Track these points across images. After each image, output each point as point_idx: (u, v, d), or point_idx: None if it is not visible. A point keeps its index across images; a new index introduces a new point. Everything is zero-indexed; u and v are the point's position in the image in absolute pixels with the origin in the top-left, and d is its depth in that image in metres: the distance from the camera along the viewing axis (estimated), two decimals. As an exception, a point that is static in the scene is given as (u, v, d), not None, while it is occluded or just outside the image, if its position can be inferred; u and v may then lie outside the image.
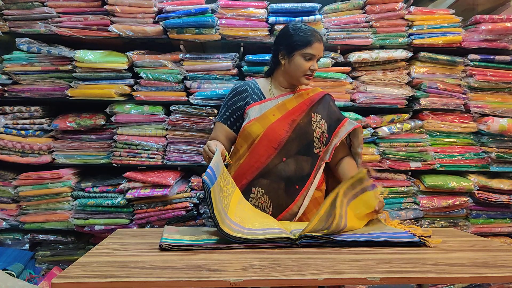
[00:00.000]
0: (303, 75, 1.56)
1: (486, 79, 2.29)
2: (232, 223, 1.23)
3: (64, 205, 2.12)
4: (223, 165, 1.37)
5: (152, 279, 0.86)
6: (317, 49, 1.54)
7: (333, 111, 1.66)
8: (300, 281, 0.89)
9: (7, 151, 2.16)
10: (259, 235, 1.17)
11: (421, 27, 2.27)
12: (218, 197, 1.20)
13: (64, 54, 2.08)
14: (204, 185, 1.14)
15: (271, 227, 1.26)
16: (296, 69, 1.56)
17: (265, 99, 1.60)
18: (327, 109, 1.64)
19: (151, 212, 2.10)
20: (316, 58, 1.56)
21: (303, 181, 1.55)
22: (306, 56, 1.54)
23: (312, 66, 1.55)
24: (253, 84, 1.66)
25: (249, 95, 1.61)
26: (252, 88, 1.64)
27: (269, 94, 1.63)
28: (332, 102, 1.69)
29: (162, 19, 2.12)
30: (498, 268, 0.98)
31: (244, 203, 1.44)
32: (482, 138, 2.33)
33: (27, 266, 2.10)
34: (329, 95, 1.70)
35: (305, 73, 1.56)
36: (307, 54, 1.53)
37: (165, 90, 2.18)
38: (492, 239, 2.28)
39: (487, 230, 2.33)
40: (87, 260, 0.99)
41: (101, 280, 0.85)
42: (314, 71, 1.57)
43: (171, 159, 2.19)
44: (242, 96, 1.62)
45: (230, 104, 1.64)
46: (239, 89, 1.64)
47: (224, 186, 1.31)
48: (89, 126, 2.15)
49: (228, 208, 1.28)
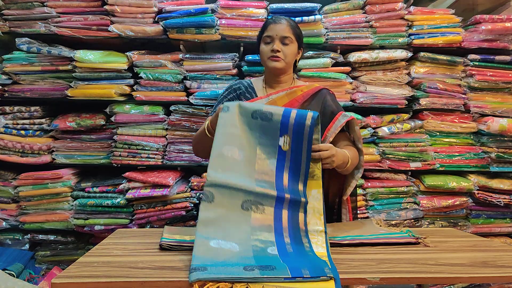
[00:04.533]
0: (267, 59, 1.49)
1: (486, 79, 2.29)
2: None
3: (64, 205, 2.13)
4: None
5: (152, 279, 0.86)
6: (273, 29, 1.48)
7: (328, 105, 1.52)
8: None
9: (7, 151, 2.16)
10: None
11: (421, 27, 2.27)
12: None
13: (64, 54, 2.08)
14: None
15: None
16: (262, 57, 1.53)
17: (256, 97, 1.55)
18: (322, 104, 1.53)
19: (151, 212, 2.10)
20: (276, 39, 1.47)
21: None
22: (265, 41, 1.50)
23: (272, 47, 1.47)
24: (247, 83, 1.63)
25: (242, 93, 1.58)
26: (245, 87, 1.61)
27: (261, 92, 1.59)
28: (329, 97, 1.56)
29: (162, 19, 2.12)
30: (498, 268, 0.98)
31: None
32: (482, 138, 2.33)
33: (27, 266, 2.10)
34: (326, 89, 1.60)
35: (268, 56, 1.49)
36: (265, 38, 1.50)
37: (165, 90, 2.18)
38: (492, 239, 2.28)
39: (487, 230, 2.33)
40: (87, 260, 0.99)
41: (101, 280, 0.85)
42: (278, 51, 1.47)
43: (171, 159, 2.19)
44: (236, 93, 1.60)
45: (224, 101, 1.59)
46: (234, 86, 1.62)
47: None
48: (89, 126, 2.15)
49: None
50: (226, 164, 1.15)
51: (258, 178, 1.16)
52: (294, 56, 1.54)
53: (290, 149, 1.17)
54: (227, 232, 1.06)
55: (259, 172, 1.17)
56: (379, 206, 2.25)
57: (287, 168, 1.17)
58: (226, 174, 1.13)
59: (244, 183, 1.13)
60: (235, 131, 1.19)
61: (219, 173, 1.12)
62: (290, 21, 1.51)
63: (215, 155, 1.15)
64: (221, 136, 1.18)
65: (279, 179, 1.17)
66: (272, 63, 1.48)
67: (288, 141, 1.17)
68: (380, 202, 2.25)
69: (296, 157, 1.17)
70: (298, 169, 1.17)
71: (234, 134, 1.19)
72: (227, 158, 1.15)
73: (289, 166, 1.17)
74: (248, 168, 1.17)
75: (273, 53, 1.47)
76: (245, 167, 1.16)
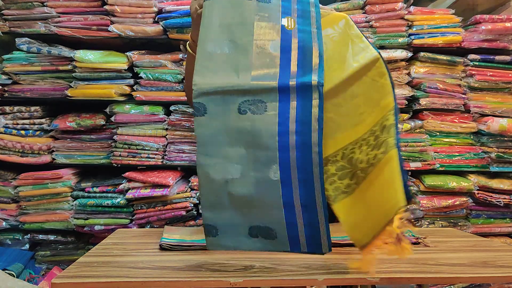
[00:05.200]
0: None
1: (486, 79, 2.29)
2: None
3: (64, 205, 2.12)
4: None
5: (152, 279, 0.86)
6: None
7: None
8: (300, 281, 0.89)
9: (7, 151, 2.16)
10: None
11: (421, 27, 2.27)
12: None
13: (64, 54, 2.08)
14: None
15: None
16: None
17: None
18: None
19: (151, 212, 2.10)
20: None
21: None
22: None
23: None
24: None
25: None
26: None
27: None
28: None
29: (162, 19, 2.12)
30: (498, 268, 0.98)
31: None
32: (482, 138, 2.33)
33: (27, 266, 2.10)
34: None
35: None
36: None
37: (165, 90, 2.18)
38: (492, 239, 2.28)
39: (487, 230, 2.33)
40: (87, 260, 0.99)
41: (101, 280, 0.85)
42: None
43: (171, 159, 2.19)
44: None
45: None
46: None
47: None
48: (89, 126, 2.15)
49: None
50: (214, 63, 0.92)
51: (256, 72, 0.91)
52: None
53: (296, 28, 0.94)
54: (228, 151, 0.89)
55: (258, 60, 0.92)
56: (379, 206, 2.24)
57: (295, 48, 0.92)
58: (216, 76, 0.91)
59: (238, 81, 0.89)
60: (224, 20, 0.95)
61: (208, 78, 0.90)
62: None
63: (200, 55, 0.93)
64: (205, 30, 0.94)
65: (284, 61, 0.91)
66: None
67: (293, 21, 0.95)
68: (380, 202, 2.24)
69: (304, 36, 0.93)
70: (310, 47, 0.91)
71: (223, 23, 0.95)
72: (214, 56, 0.93)
73: (297, 44, 0.92)
74: (243, 60, 0.92)
75: None
76: (239, 58, 0.92)
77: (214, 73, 0.91)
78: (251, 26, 0.94)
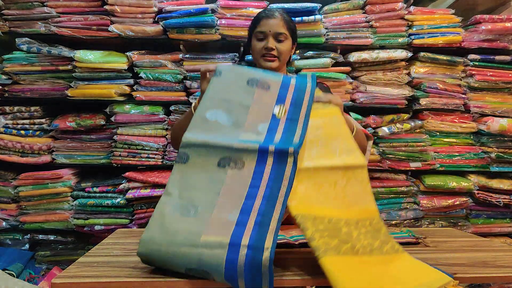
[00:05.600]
0: (260, 57, 1.41)
1: (486, 79, 2.29)
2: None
3: (64, 205, 2.13)
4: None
5: (152, 279, 0.86)
6: (266, 25, 1.38)
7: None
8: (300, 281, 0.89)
9: (7, 151, 2.16)
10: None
11: (421, 27, 2.27)
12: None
13: (64, 54, 2.08)
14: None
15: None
16: (253, 54, 1.44)
17: None
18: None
19: (151, 212, 2.09)
20: (270, 36, 1.38)
21: None
22: (257, 36, 1.41)
23: (266, 44, 1.38)
24: None
25: None
26: None
27: None
28: (324, 90, 1.46)
29: (162, 19, 2.12)
30: (498, 268, 0.98)
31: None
32: (482, 138, 2.33)
33: (27, 266, 2.10)
34: (321, 83, 1.51)
35: (261, 54, 1.40)
36: (257, 33, 1.40)
37: (165, 90, 2.18)
38: (492, 239, 2.28)
39: (487, 230, 2.33)
40: (87, 260, 0.99)
41: (101, 280, 0.85)
42: (272, 49, 1.38)
43: (171, 159, 2.19)
44: None
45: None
46: None
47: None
48: (89, 126, 2.15)
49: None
50: (207, 126, 1.00)
51: (243, 138, 0.98)
52: (289, 53, 1.46)
53: (286, 118, 1.04)
54: (194, 194, 0.92)
55: (246, 134, 1.00)
56: (379, 206, 2.25)
57: (279, 132, 1.01)
58: (204, 134, 0.98)
59: (225, 141, 0.96)
60: (225, 96, 1.05)
61: (197, 134, 0.98)
62: (283, 15, 1.42)
63: (195, 119, 1.01)
64: (207, 101, 1.04)
65: (269, 137, 1.00)
66: (266, 63, 1.40)
67: (284, 110, 1.05)
68: (380, 202, 2.25)
69: (291, 124, 1.03)
70: (294, 128, 1.01)
71: (223, 99, 1.05)
72: (209, 122, 1.01)
73: (282, 129, 1.01)
74: (234, 132, 1.00)
75: (266, 51, 1.39)
76: (231, 130, 1.01)
77: (205, 133, 0.99)
78: (247, 108, 1.05)
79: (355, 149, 1.03)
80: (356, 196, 1.00)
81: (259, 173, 0.93)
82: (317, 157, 1.00)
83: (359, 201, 1.00)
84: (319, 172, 0.99)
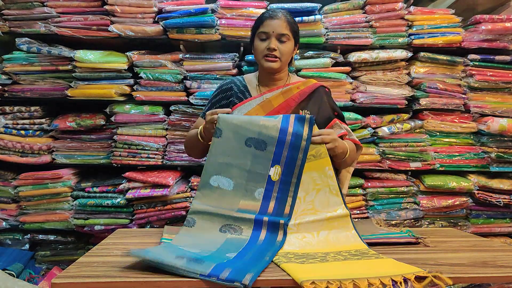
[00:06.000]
0: (262, 57, 1.41)
1: (486, 79, 2.29)
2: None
3: (64, 205, 2.13)
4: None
5: (152, 279, 0.86)
6: (269, 25, 1.39)
7: (325, 107, 1.45)
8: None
9: (7, 151, 2.16)
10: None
11: (421, 27, 2.27)
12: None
13: (64, 54, 2.08)
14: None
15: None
16: (256, 54, 1.45)
17: (250, 97, 1.46)
18: (319, 105, 1.44)
19: (151, 212, 2.10)
20: (273, 36, 1.39)
21: None
22: (260, 37, 1.41)
23: (269, 45, 1.39)
24: (239, 81, 1.54)
25: (233, 94, 1.49)
26: (237, 86, 1.51)
27: (255, 91, 1.50)
28: (326, 96, 1.49)
29: (162, 19, 2.12)
30: (498, 268, 0.98)
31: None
32: (482, 138, 2.33)
33: (27, 266, 2.10)
34: (323, 87, 1.50)
35: (263, 54, 1.41)
36: (260, 34, 1.41)
37: (165, 90, 2.18)
38: (492, 239, 2.28)
39: (487, 230, 2.33)
40: (87, 260, 0.99)
41: (101, 280, 0.85)
42: (274, 50, 1.39)
43: (171, 159, 2.19)
44: (226, 94, 1.50)
45: (214, 102, 1.53)
46: (224, 87, 1.53)
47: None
48: (89, 126, 2.15)
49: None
50: (212, 195, 1.20)
51: (241, 208, 1.17)
52: (291, 54, 1.47)
53: (279, 180, 1.18)
54: (198, 245, 1.07)
55: (244, 202, 1.18)
56: (379, 206, 2.25)
57: (273, 199, 1.18)
58: (210, 204, 1.18)
59: (225, 211, 1.16)
60: (226, 160, 1.21)
61: (203, 204, 1.19)
62: (287, 16, 1.43)
63: (202, 185, 1.22)
64: (211, 166, 1.22)
65: (263, 208, 1.17)
66: (268, 63, 1.41)
67: (278, 172, 1.19)
68: (380, 202, 2.25)
69: (284, 187, 1.18)
70: (286, 196, 1.18)
71: (224, 163, 1.21)
72: (213, 189, 1.20)
73: (276, 196, 1.18)
74: (234, 198, 1.19)
75: (269, 52, 1.40)
76: (231, 197, 1.19)
77: (210, 202, 1.19)
78: (245, 171, 1.20)
79: (339, 202, 1.18)
80: (340, 240, 1.13)
81: (255, 237, 1.11)
82: (302, 215, 1.16)
83: (344, 242, 1.13)
84: (302, 225, 1.14)
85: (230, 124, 1.22)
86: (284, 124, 1.20)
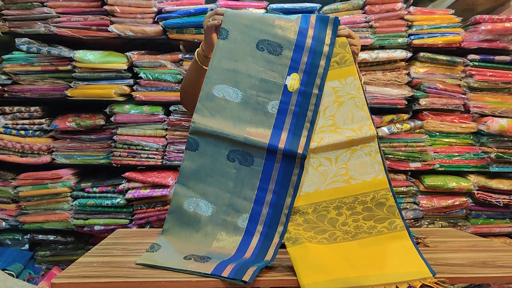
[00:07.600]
0: None
1: (485, 79, 2.29)
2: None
3: (63, 205, 2.12)
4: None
5: (152, 279, 0.86)
6: None
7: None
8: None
9: (7, 151, 2.16)
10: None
11: (420, 27, 2.27)
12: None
13: (64, 54, 2.08)
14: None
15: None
16: None
17: None
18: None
19: (151, 212, 2.10)
20: None
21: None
22: None
23: None
24: None
25: None
26: None
27: None
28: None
29: (161, 19, 2.12)
30: (498, 268, 0.98)
31: None
32: (481, 138, 2.33)
33: (27, 266, 2.10)
34: None
35: None
36: None
37: (164, 90, 2.18)
38: (492, 239, 2.28)
39: (486, 230, 2.33)
40: (87, 260, 0.99)
41: (101, 280, 0.85)
42: None
43: (170, 159, 2.19)
44: None
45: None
46: None
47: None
48: (89, 126, 2.15)
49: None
50: (215, 106, 0.98)
51: (251, 128, 0.98)
52: None
53: (298, 90, 0.99)
54: (207, 189, 0.95)
55: (255, 116, 0.98)
56: (379, 206, 2.24)
57: (290, 113, 0.98)
58: (214, 119, 0.97)
59: (232, 131, 0.96)
60: (232, 66, 1.00)
61: (206, 118, 0.98)
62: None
63: (203, 95, 0.99)
64: (213, 72, 1.00)
65: (278, 124, 0.98)
66: None
67: (297, 81, 0.99)
68: (380, 202, 2.25)
69: (304, 100, 0.98)
70: (305, 111, 0.97)
71: (231, 69, 1.00)
72: (217, 100, 0.99)
73: (293, 110, 0.98)
74: (242, 112, 0.98)
75: None
76: (239, 110, 0.98)
77: (213, 116, 0.98)
78: (256, 80, 0.99)
79: (366, 117, 1.02)
80: (362, 169, 0.98)
81: (268, 173, 0.94)
82: (320, 132, 0.98)
83: (364, 174, 0.98)
84: (326, 148, 0.98)
85: (238, 23, 1.02)
86: (303, 24, 1.03)
